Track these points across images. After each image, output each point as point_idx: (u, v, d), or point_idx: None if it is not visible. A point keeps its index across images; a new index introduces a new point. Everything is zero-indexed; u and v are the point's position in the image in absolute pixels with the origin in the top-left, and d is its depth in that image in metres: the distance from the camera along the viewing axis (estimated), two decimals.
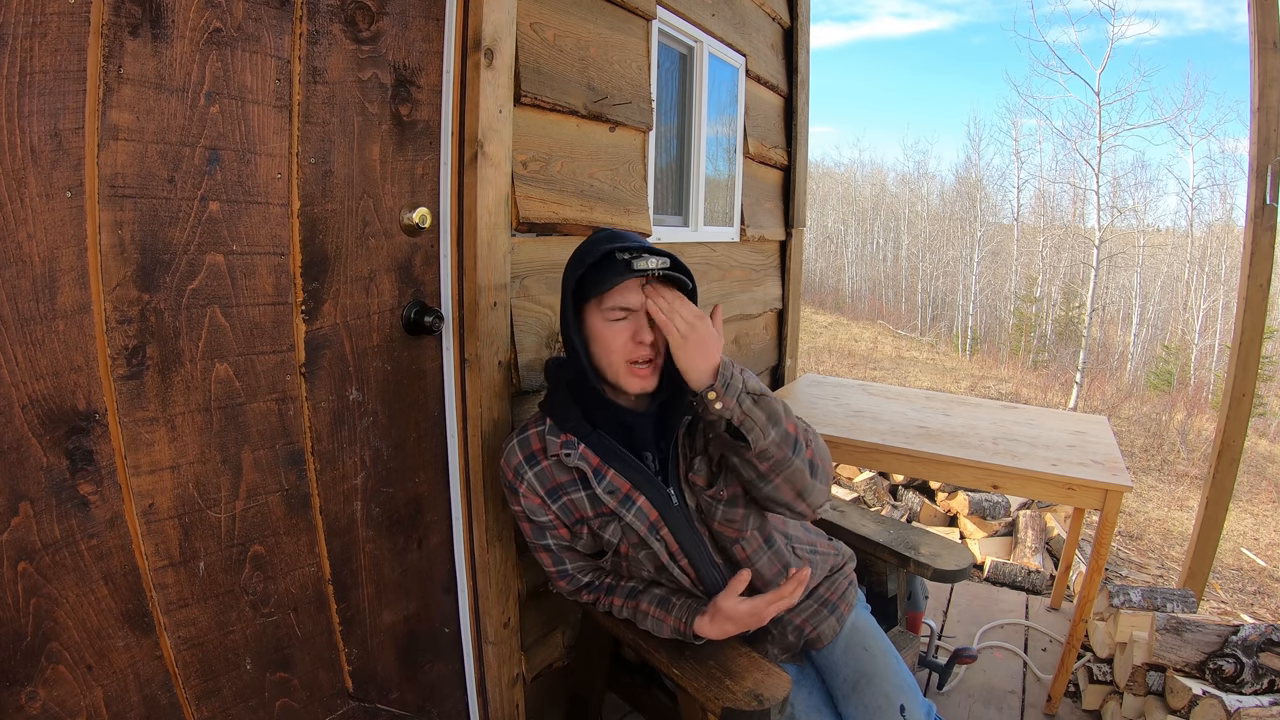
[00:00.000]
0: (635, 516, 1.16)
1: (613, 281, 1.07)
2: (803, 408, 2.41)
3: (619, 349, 1.12)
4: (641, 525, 1.16)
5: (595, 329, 1.13)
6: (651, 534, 1.16)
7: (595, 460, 1.16)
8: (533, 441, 1.18)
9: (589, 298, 1.12)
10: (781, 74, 2.83)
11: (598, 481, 1.15)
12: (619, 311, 1.11)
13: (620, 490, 1.15)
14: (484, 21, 1.24)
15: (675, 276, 1.13)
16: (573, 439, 1.16)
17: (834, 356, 13.95)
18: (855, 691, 1.20)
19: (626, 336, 1.12)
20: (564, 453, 1.15)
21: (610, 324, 1.12)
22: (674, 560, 1.18)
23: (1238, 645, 1.62)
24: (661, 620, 1.18)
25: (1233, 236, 17.38)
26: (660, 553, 1.17)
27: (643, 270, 1.07)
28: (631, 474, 1.16)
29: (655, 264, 1.08)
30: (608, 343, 1.12)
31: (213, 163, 0.94)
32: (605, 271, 1.08)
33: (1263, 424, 11.34)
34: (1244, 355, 2.28)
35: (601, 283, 1.08)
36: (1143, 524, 5.65)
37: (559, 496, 1.17)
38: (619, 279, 1.07)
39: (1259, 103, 2.21)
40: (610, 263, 1.08)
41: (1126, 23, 24.05)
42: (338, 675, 1.20)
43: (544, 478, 1.17)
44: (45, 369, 0.80)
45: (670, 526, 1.17)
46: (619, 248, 1.08)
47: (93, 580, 0.87)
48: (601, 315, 1.12)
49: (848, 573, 1.36)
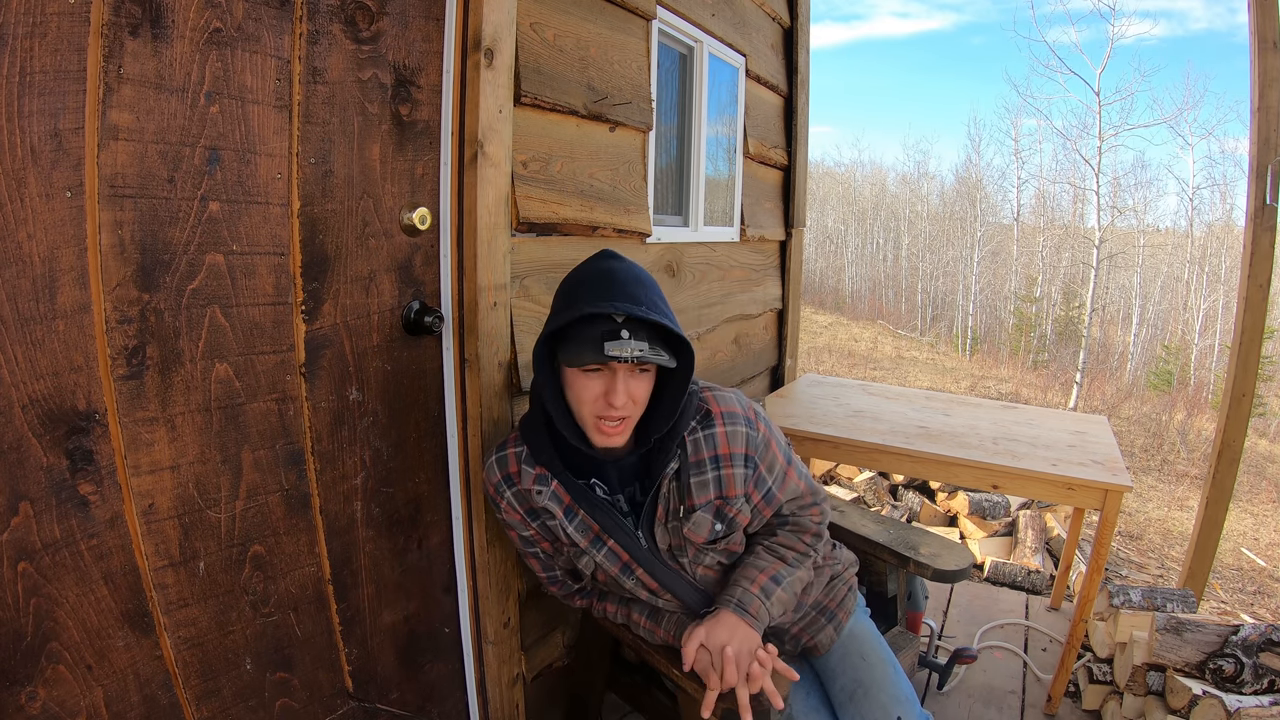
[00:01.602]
0: (606, 557, 1.14)
1: (583, 359, 0.99)
2: (803, 408, 2.41)
3: (589, 401, 1.03)
4: (613, 566, 1.15)
5: (568, 376, 1.05)
6: (625, 574, 1.15)
7: (567, 499, 1.13)
8: (510, 463, 1.14)
9: (559, 350, 1.04)
10: (781, 74, 2.83)
11: (569, 520, 1.13)
12: (593, 366, 1.02)
13: (590, 531, 1.14)
14: (484, 21, 1.24)
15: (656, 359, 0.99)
16: (546, 474, 1.12)
17: (834, 356, 13.95)
18: (852, 701, 1.19)
19: (598, 392, 1.02)
20: (535, 488, 1.12)
21: (583, 374, 1.02)
22: (655, 596, 1.18)
23: (1238, 645, 1.62)
24: (653, 631, 1.18)
25: (1233, 236, 17.38)
26: (638, 590, 1.17)
27: (613, 357, 0.96)
28: (601, 518, 1.12)
29: (629, 353, 0.96)
30: (578, 393, 1.04)
31: (213, 163, 0.94)
32: (583, 333, 0.99)
33: (1263, 424, 11.34)
34: (1244, 355, 2.28)
35: (573, 350, 1.00)
36: (1143, 524, 5.65)
37: (537, 517, 1.16)
38: (591, 357, 0.98)
39: (1259, 103, 2.21)
40: (589, 326, 0.99)
41: (1126, 23, 24.03)
42: (338, 675, 1.20)
43: (521, 499, 1.15)
44: (45, 369, 0.80)
45: (645, 567, 1.15)
46: (602, 312, 0.97)
47: (93, 580, 0.87)
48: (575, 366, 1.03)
49: (847, 579, 1.35)
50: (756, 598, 1.11)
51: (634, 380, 1.03)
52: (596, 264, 1.07)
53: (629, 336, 0.97)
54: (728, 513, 1.13)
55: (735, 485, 1.12)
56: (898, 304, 23.76)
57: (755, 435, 1.13)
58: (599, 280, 1.02)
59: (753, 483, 1.14)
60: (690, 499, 1.11)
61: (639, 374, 1.03)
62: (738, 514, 1.14)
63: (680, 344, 1.04)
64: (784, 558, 1.19)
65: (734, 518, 1.14)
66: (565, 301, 1.04)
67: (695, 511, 1.11)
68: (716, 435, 1.11)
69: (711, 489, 1.11)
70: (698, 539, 1.13)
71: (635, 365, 1.01)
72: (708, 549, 1.15)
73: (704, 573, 1.18)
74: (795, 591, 1.18)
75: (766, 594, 1.12)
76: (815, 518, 1.25)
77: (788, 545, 1.21)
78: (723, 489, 1.12)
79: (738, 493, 1.12)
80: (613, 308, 0.97)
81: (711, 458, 1.11)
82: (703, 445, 1.11)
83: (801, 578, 1.20)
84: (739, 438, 1.12)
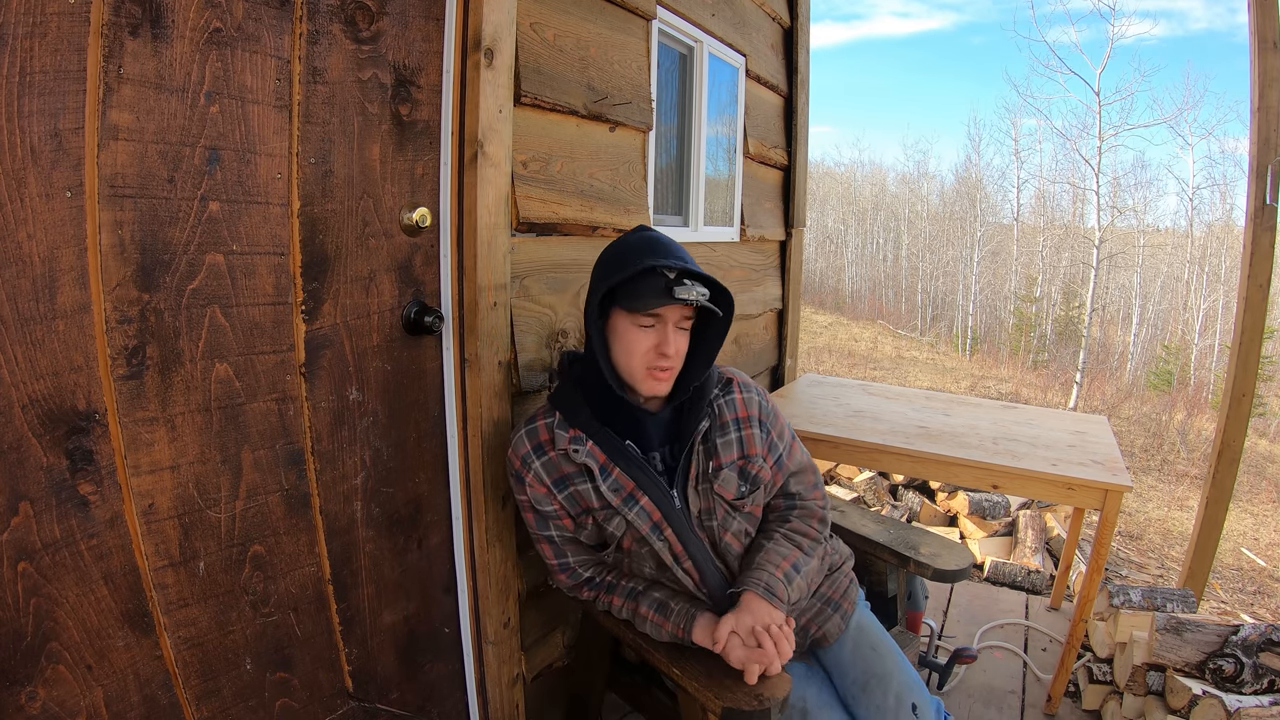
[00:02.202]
0: (637, 515, 1.17)
1: (653, 303, 1.09)
2: (803, 408, 2.41)
3: (641, 354, 1.13)
4: (644, 524, 1.17)
5: (620, 330, 1.15)
6: (654, 534, 1.17)
7: (602, 458, 1.17)
8: (541, 433, 1.20)
9: (619, 304, 1.13)
10: (781, 74, 2.83)
11: (603, 478, 1.16)
12: (650, 319, 1.13)
13: (625, 489, 1.17)
14: (484, 21, 1.24)
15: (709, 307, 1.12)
16: (581, 435, 1.17)
17: (834, 356, 13.95)
18: (865, 692, 1.21)
19: (651, 344, 1.13)
20: (572, 448, 1.16)
21: (638, 328, 1.13)
22: (678, 562, 1.19)
23: (1238, 645, 1.62)
24: (660, 625, 1.18)
25: (1233, 236, 17.38)
26: (664, 553, 1.18)
27: (684, 300, 1.07)
28: (636, 473, 1.17)
29: (697, 294, 1.07)
30: (630, 346, 1.14)
31: (213, 163, 0.94)
32: (644, 286, 1.09)
33: (1263, 424, 11.34)
34: (1244, 355, 2.28)
35: (639, 299, 1.10)
36: (1143, 524, 5.65)
37: (565, 486, 1.19)
38: (658, 302, 1.09)
39: (1259, 103, 2.21)
40: (651, 278, 1.09)
41: (1127, 22, 24.05)
42: (338, 675, 1.20)
43: (551, 468, 1.18)
44: (45, 369, 0.80)
45: (674, 528, 1.18)
46: (662, 266, 1.09)
47: (93, 580, 0.87)
48: (630, 318, 1.13)
49: (847, 570, 1.38)
50: (781, 582, 1.16)
51: (679, 335, 1.15)
52: (642, 233, 1.19)
53: (691, 284, 1.09)
54: (750, 470, 1.23)
55: (755, 445, 1.24)
56: (898, 304, 23.76)
57: (766, 404, 1.29)
58: (650, 244, 1.14)
59: (766, 446, 1.26)
60: (718, 458, 1.21)
61: (682, 330, 1.15)
62: (759, 471, 1.24)
63: (722, 296, 1.15)
64: (800, 545, 1.24)
65: (756, 474, 1.23)
66: (619, 263, 1.13)
67: (723, 470, 1.21)
68: (736, 401, 1.25)
69: (735, 449, 1.23)
70: (727, 495, 1.21)
71: (680, 321, 1.14)
72: (734, 512, 1.23)
73: (729, 540, 1.22)
74: (810, 581, 1.25)
75: (789, 580, 1.17)
76: (819, 501, 1.33)
77: (801, 533, 1.26)
78: (744, 449, 1.23)
79: (758, 451, 1.24)
80: (672, 263, 1.09)
81: (734, 420, 1.24)
82: (725, 410, 1.24)
83: (815, 567, 1.25)
84: (754, 404, 1.27)
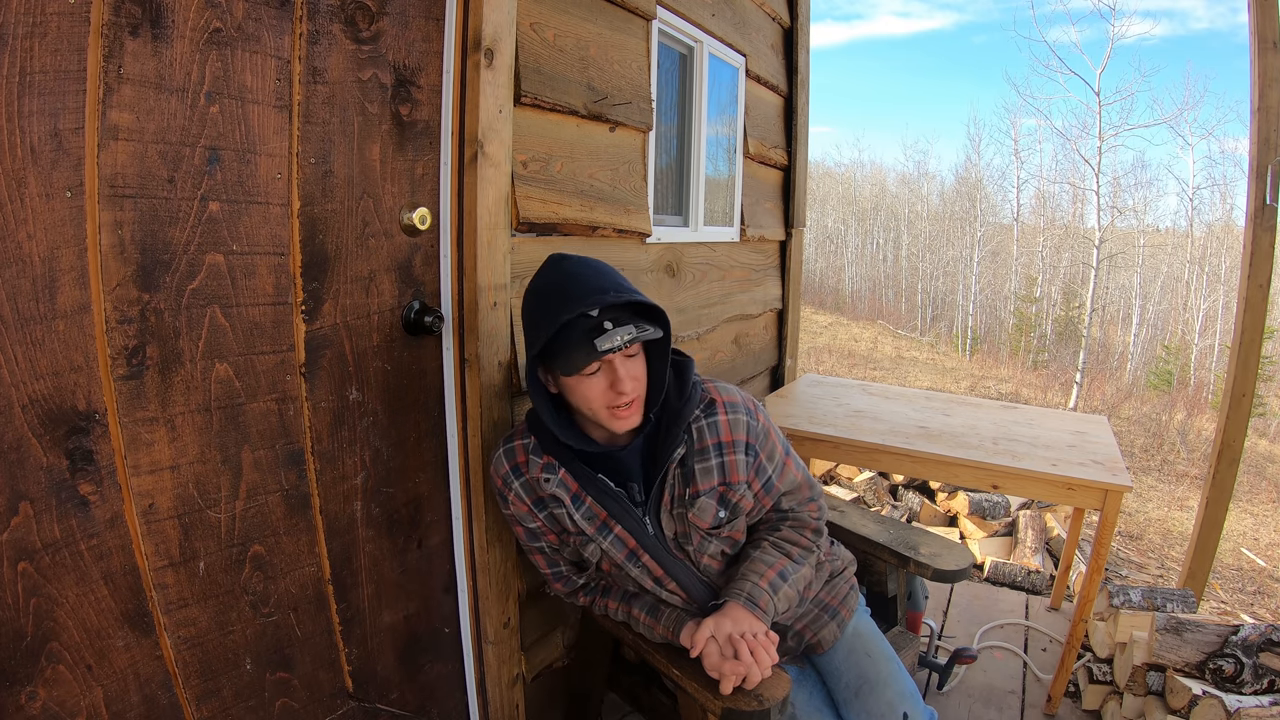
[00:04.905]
0: (612, 544, 1.16)
1: (582, 362, 1.00)
2: (803, 408, 2.41)
3: (598, 398, 1.05)
4: (619, 553, 1.16)
5: (569, 385, 1.06)
6: (630, 561, 1.16)
7: (574, 486, 1.15)
8: (518, 453, 1.17)
9: (555, 367, 1.05)
10: (781, 74, 2.83)
11: (576, 507, 1.15)
12: (590, 369, 1.04)
13: (598, 518, 1.15)
14: (484, 21, 1.24)
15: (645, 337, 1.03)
16: (554, 463, 1.14)
17: (834, 356, 13.95)
18: (858, 697, 1.20)
19: (604, 385, 1.04)
20: (543, 477, 1.14)
21: (584, 378, 1.04)
22: (660, 585, 1.19)
23: (1238, 645, 1.62)
24: (652, 627, 1.19)
25: (1233, 236, 17.37)
26: (643, 578, 1.18)
27: (609, 350, 0.98)
28: (609, 503, 1.15)
29: (623, 339, 0.98)
30: (584, 395, 1.06)
31: (213, 163, 0.94)
32: (570, 342, 1.00)
33: (1263, 424, 11.34)
34: (1244, 355, 2.28)
35: (568, 359, 1.01)
36: (1143, 524, 5.65)
37: (544, 508, 1.18)
38: (586, 360, 1.00)
39: (1259, 103, 2.21)
40: (573, 330, 0.99)
41: (1127, 22, 24.06)
42: (338, 675, 1.20)
43: (529, 489, 1.17)
44: (45, 369, 0.80)
45: (651, 554, 1.16)
46: (581, 312, 0.98)
47: (93, 580, 0.87)
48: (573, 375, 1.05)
49: (848, 577, 1.36)
50: (765, 592, 1.13)
51: (631, 363, 1.05)
52: (549, 273, 1.08)
53: (613, 326, 0.99)
54: (731, 498, 1.15)
55: (738, 471, 1.15)
56: (898, 304, 23.76)
57: (755, 425, 1.16)
58: (561, 286, 1.03)
59: (753, 470, 1.17)
60: (695, 485, 1.14)
61: (631, 358, 1.06)
62: (741, 499, 1.16)
63: (653, 312, 1.06)
64: (789, 554, 1.20)
65: (737, 503, 1.16)
66: (538, 317, 1.04)
67: (700, 497, 1.14)
68: (719, 423, 1.14)
69: (715, 475, 1.14)
70: (703, 524, 1.15)
71: (625, 352, 1.04)
72: (712, 536, 1.17)
73: (708, 562, 1.19)
74: (800, 589, 1.21)
75: (774, 589, 1.14)
76: (814, 513, 1.27)
77: (792, 541, 1.22)
78: (726, 475, 1.14)
79: (740, 479, 1.15)
80: (586, 305, 0.98)
81: (715, 444, 1.14)
82: (706, 433, 1.14)
83: (805, 575, 1.22)
84: (740, 426, 1.15)
